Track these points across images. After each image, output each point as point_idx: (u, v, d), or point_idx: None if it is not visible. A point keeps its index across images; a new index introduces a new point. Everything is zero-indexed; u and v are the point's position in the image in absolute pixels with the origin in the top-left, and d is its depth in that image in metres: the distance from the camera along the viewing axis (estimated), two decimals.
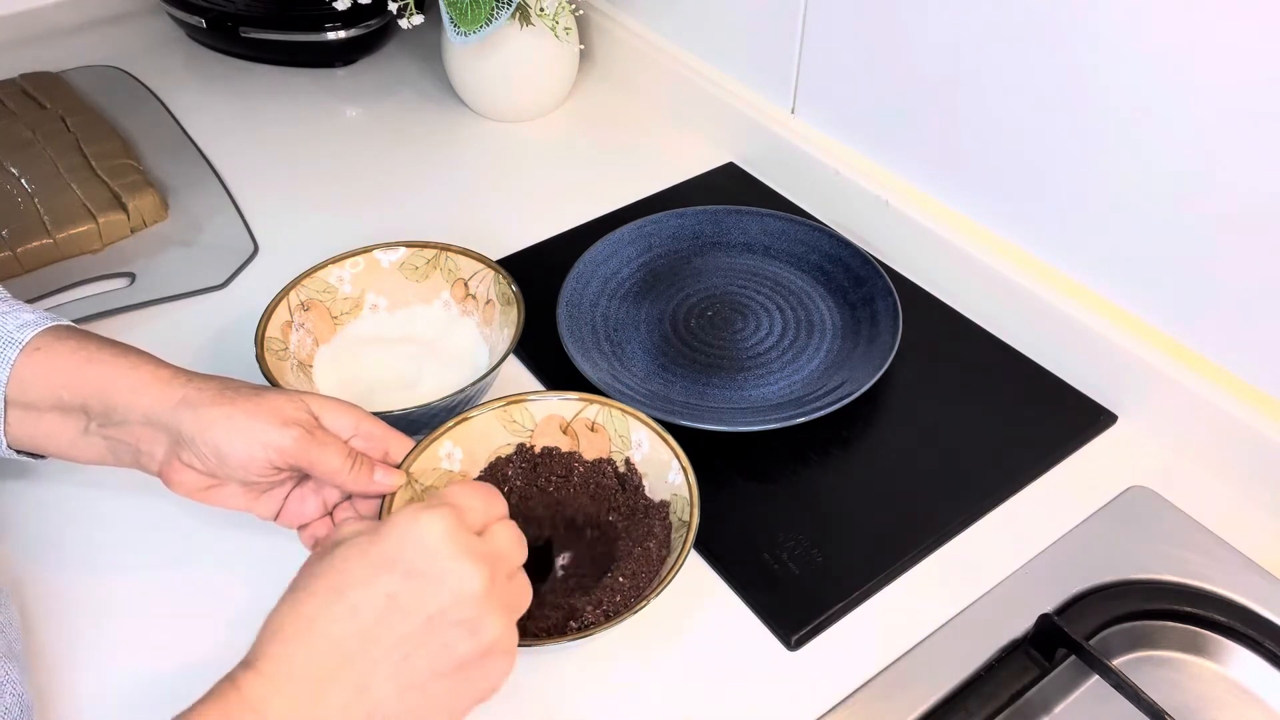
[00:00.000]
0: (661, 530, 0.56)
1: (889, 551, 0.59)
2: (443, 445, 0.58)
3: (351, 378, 0.67)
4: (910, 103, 0.74)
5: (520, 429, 0.60)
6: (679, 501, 0.56)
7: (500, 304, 0.68)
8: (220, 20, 0.99)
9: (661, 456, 0.58)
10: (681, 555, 0.52)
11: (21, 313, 0.54)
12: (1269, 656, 0.54)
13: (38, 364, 0.52)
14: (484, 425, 0.60)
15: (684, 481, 0.56)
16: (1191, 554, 0.58)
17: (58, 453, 0.54)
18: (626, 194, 0.86)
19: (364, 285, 0.70)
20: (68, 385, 0.52)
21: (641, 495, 0.58)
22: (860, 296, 0.73)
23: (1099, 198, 0.64)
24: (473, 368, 0.68)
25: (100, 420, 0.52)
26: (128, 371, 0.52)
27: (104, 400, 0.51)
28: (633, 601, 0.52)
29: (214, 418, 0.50)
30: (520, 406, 0.60)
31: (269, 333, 0.64)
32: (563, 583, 0.56)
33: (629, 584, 0.53)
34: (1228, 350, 0.61)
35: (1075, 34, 0.61)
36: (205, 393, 0.51)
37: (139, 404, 0.51)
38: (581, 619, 0.52)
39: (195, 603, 0.57)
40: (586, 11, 0.99)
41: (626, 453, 0.60)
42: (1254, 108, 0.54)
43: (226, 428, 0.50)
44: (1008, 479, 0.63)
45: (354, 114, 0.98)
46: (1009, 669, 0.54)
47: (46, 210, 0.78)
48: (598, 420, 0.60)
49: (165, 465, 0.52)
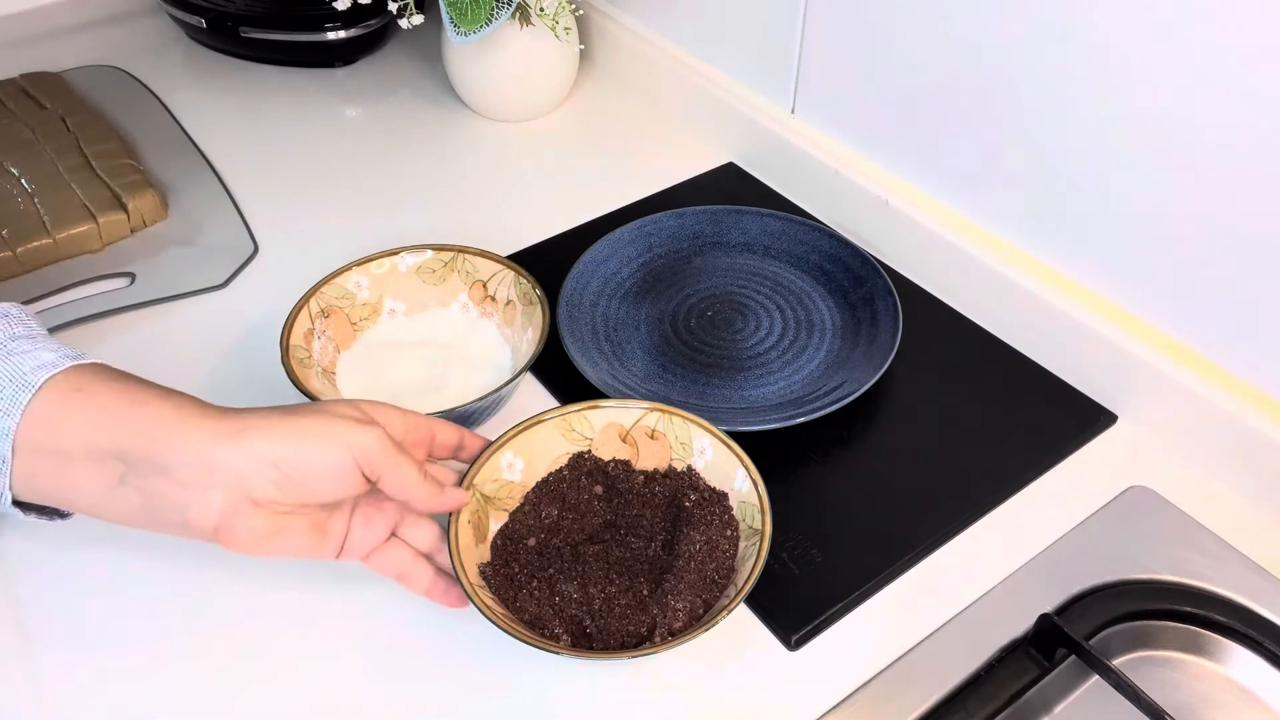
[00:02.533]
0: (730, 539, 0.56)
1: (889, 551, 0.59)
2: (504, 455, 0.58)
3: (375, 384, 0.67)
4: (910, 103, 0.74)
5: (580, 438, 0.60)
6: (748, 509, 0.56)
7: (521, 304, 0.68)
8: (220, 20, 0.99)
9: (726, 464, 0.57)
10: (758, 563, 0.52)
11: (43, 351, 0.49)
12: (1269, 656, 0.54)
13: (77, 405, 0.47)
14: (544, 434, 0.59)
15: (751, 489, 0.56)
16: (1191, 554, 0.58)
17: (86, 508, 0.48)
18: (626, 194, 0.86)
19: (382, 290, 0.70)
20: (105, 429, 0.46)
21: (706, 503, 0.57)
22: (860, 296, 0.73)
23: (1099, 197, 0.64)
24: (496, 368, 0.68)
25: (139, 470, 0.46)
26: (172, 412, 0.47)
27: (146, 446, 0.46)
28: (702, 613, 0.52)
29: (290, 432, 0.47)
30: (579, 415, 0.60)
31: (293, 341, 0.64)
32: (629, 593, 0.54)
33: (699, 594, 0.53)
34: (1228, 350, 0.61)
35: (1075, 33, 0.61)
36: (266, 417, 0.48)
37: (188, 445, 0.46)
38: (665, 625, 0.51)
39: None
40: (586, 11, 0.99)
41: (689, 460, 0.59)
42: (1254, 108, 0.54)
43: (308, 439, 0.47)
44: (1008, 479, 0.63)
45: (354, 114, 0.98)
46: (1009, 669, 0.54)
47: (46, 210, 0.78)
48: (658, 428, 0.60)
49: (228, 512, 0.47)
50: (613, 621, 0.52)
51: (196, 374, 0.70)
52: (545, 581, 0.54)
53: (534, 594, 0.53)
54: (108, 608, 0.57)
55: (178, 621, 0.56)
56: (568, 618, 0.53)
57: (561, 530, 0.58)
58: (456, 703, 0.53)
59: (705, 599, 0.53)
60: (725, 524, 0.56)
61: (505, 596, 0.54)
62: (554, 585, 0.54)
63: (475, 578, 0.53)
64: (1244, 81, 0.54)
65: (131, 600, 0.57)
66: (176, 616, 0.57)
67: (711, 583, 0.54)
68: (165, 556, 0.59)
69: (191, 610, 0.57)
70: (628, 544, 0.57)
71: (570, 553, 0.56)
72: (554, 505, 0.58)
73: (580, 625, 0.53)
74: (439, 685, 0.54)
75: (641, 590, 0.54)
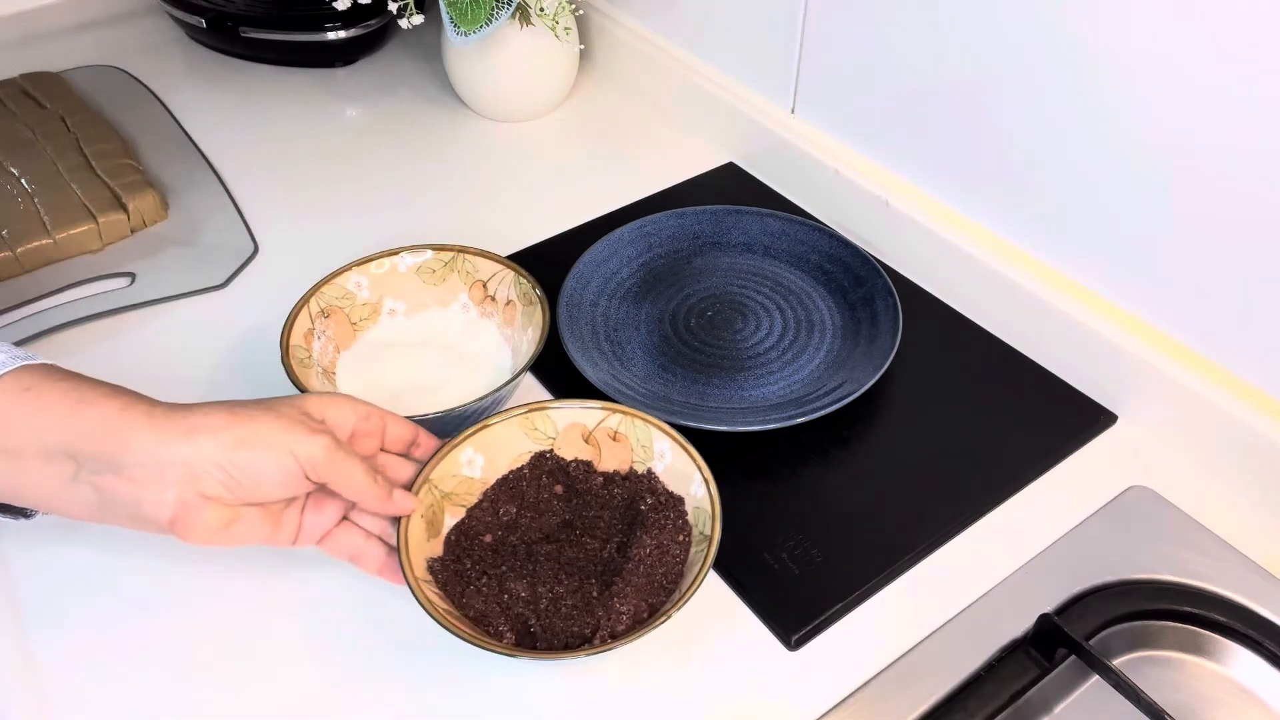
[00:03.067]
0: (682, 544, 0.56)
1: (889, 551, 0.59)
2: (464, 452, 0.58)
3: (376, 384, 0.67)
4: (910, 102, 0.74)
5: (542, 437, 0.60)
6: (700, 515, 0.56)
7: (521, 304, 0.68)
8: (220, 20, 0.99)
9: (684, 468, 0.57)
10: (702, 570, 0.52)
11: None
12: (1269, 656, 0.54)
13: (26, 405, 0.48)
14: (506, 432, 0.59)
15: (706, 495, 0.56)
16: (1191, 554, 0.58)
17: (44, 504, 0.50)
18: (626, 194, 0.86)
19: (382, 290, 0.70)
20: (54, 428, 0.47)
21: (662, 507, 0.57)
22: (860, 296, 0.73)
23: (1099, 197, 0.64)
24: (496, 369, 0.68)
25: (91, 467, 0.47)
26: (119, 413, 0.48)
27: (96, 445, 0.47)
28: (646, 617, 0.52)
29: (235, 440, 0.48)
30: (542, 414, 0.60)
31: (293, 341, 0.64)
32: (578, 594, 0.54)
33: (646, 598, 0.53)
34: (1228, 350, 0.61)
35: (1075, 33, 0.61)
36: (214, 416, 0.49)
37: (138, 444, 0.47)
38: (609, 628, 0.51)
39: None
40: (586, 11, 0.99)
41: (649, 463, 0.59)
42: (1255, 108, 0.54)
43: (253, 446, 0.48)
44: (1008, 479, 0.63)
45: (354, 114, 0.98)
46: (1009, 669, 0.54)
47: (46, 210, 0.78)
48: (620, 430, 0.60)
49: (180, 507, 0.48)
50: (558, 621, 0.52)
51: (196, 374, 0.70)
52: (495, 579, 0.54)
53: (481, 591, 0.54)
54: (106, 603, 0.57)
55: (165, 614, 0.57)
56: (513, 616, 0.53)
57: (519, 528, 0.58)
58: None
59: (651, 603, 0.53)
60: (678, 529, 0.56)
61: (452, 592, 0.54)
62: (503, 583, 0.54)
63: (422, 572, 0.54)
64: (1244, 82, 0.54)
65: (128, 597, 0.58)
66: (164, 609, 0.57)
67: (659, 587, 0.54)
68: (157, 552, 0.59)
69: (172, 605, 0.57)
70: (582, 545, 0.57)
71: (524, 551, 0.56)
72: (513, 503, 0.59)
73: (525, 624, 0.53)
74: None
75: (591, 591, 0.54)
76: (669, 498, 0.58)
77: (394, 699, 0.53)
